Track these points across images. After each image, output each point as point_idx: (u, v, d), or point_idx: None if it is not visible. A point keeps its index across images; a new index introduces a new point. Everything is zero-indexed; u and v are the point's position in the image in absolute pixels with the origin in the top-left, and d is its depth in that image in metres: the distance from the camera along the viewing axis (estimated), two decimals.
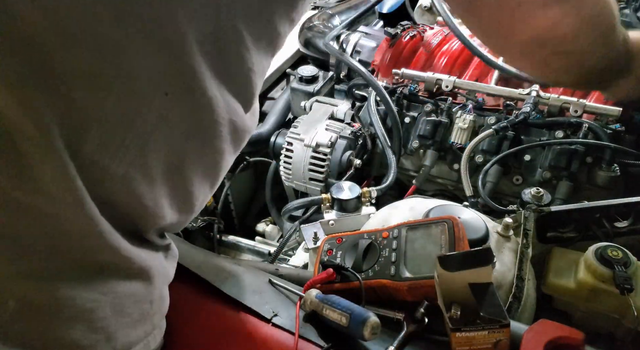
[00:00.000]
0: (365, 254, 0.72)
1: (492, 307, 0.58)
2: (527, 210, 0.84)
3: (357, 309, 0.62)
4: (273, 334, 0.67)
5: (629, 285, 0.71)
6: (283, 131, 1.24)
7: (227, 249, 1.29)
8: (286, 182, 1.21)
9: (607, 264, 0.74)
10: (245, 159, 1.33)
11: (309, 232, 0.93)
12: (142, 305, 0.56)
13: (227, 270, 0.77)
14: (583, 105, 1.09)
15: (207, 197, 0.61)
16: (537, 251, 0.84)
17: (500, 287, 0.74)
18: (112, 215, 0.49)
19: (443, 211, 0.79)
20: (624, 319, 0.75)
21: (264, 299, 0.71)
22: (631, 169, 1.04)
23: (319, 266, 0.74)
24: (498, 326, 0.58)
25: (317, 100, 1.27)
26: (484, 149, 1.13)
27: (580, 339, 0.58)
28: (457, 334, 0.58)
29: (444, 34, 1.41)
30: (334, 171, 1.15)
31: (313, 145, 1.13)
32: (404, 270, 0.65)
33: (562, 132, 1.09)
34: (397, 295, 0.66)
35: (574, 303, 0.79)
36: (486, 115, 1.16)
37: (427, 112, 1.21)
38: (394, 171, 1.11)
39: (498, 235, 0.81)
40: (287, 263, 1.08)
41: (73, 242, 0.48)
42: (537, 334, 0.58)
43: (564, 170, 1.05)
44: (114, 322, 0.52)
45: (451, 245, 0.65)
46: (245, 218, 1.49)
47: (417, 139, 1.20)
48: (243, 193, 1.46)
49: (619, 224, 0.87)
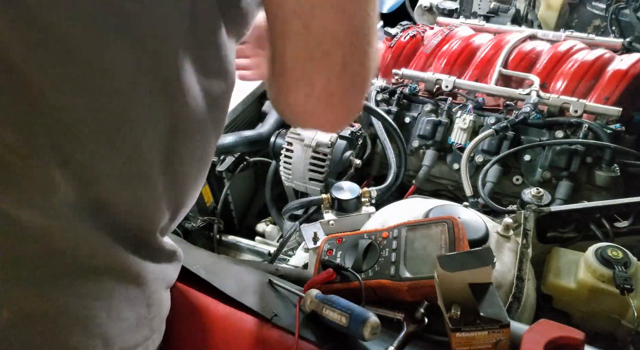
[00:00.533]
0: (365, 254, 0.72)
1: (492, 307, 0.58)
2: (527, 210, 0.84)
3: (357, 309, 0.62)
4: (273, 334, 0.67)
5: (629, 285, 0.71)
6: (283, 131, 1.24)
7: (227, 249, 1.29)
8: (286, 182, 1.21)
9: (607, 264, 0.74)
10: (245, 159, 1.33)
11: (309, 232, 0.93)
12: (138, 310, 0.55)
13: (227, 270, 0.77)
14: (583, 105, 1.09)
15: (199, 186, 0.60)
16: (537, 251, 0.84)
17: (500, 287, 0.74)
18: (108, 221, 0.49)
19: (443, 211, 0.79)
20: (624, 319, 0.75)
21: (264, 299, 0.71)
22: (631, 169, 1.04)
23: (319, 266, 0.74)
24: (498, 326, 0.58)
25: None
26: (484, 149, 1.13)
27: (580, 339, 0.58)
28: (457, 334, 0.58)
29: (444, 34, 1.41)
30: (334, 171, 1.15)
31: (313, 145, 1.13)
32: (404, 271, 0.65)
33: (562, 132, 1.09)
34: (397, 295, 0.66)
35: (574, 303, 0.79)
36: (486, 115, 1.16)
37: (427, 112, 1.21)
38: (394, 171, 1.11)
39: (498, 235, 0.81)
40: (287, 263, 1.08)
41: (65, 249, 0.47)
42: (537, 334, 0.58)
43: (564, 170, 1.06)
44: (111, 327, 0.51)
45: (451, 245, 0.65)
46: (245, 218, 1.48)
47: (417, 139, 1.20)
48: (243, 193, 1.46)
49: (619, 224, 0.87)
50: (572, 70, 1.19)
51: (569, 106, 1.10)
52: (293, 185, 1.20)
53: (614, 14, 1.77)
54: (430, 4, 1.71)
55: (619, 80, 1.14)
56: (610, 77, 1.15)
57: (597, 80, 1.17)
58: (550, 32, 1.42)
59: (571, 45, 1.27)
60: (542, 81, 1.20)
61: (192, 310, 0.72)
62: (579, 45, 1.28)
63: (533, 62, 1.26)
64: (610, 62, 1.19)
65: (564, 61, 1.23)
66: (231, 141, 1.21)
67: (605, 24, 1.81)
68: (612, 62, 1.19)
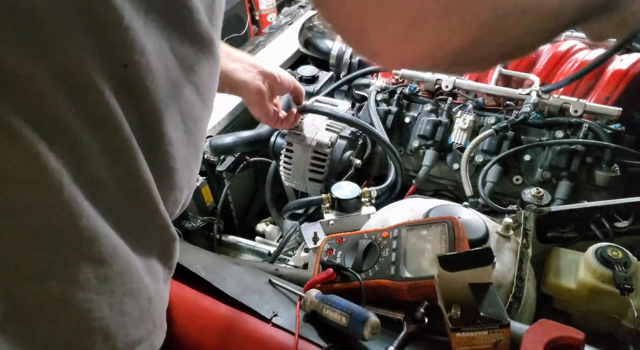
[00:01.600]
0: (365, 254, 0.72)
1: (492, 307, 0.58)
2: (527, 210, 0.84)
3: (357, 309, 0.62)
4: (273, 334, 0.67)
5: (629, 285, 0.71)
6: (283, 131, 1.24)
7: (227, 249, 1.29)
8: (286, 182, 1.21)
9: (607, 264, 0.74)
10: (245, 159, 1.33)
11: (309, 232, 0.93)
12: (141, 303, 0.54)
13: (227, 270, 0.77)
14: (583, 105, 1.09)
15: (193, 169, 0.60)
16: (537, 251, 0.84)
17: (500, 287, 0.74)
18: (102, 200, 0.46)
19: (443, 211, 0.79)
20: (624, 319, 0.75)
21: (264, 299, 0.71)
22: (631, 169, 1.04)
23: (319, 266, 0.74)
24: (498, 326, 0.58)
25: (317, 100, 1.27)
26: (484, 149, 1.13)
27: (580, 339, 0.58)
28: (457, 334, 0.58)
29: None
30: (334, 171, 1.14)
31: (313, 145, 1.13)
32: (404, 270, 0.65)
33: (562, 132, 1.09)
34: (397, 295, 0.66)
35: (574, 303, 0.79)
36: (486, 115, 1.16)
37: (427, 112, 1.21)
38: (394, 171, 1.11)
39: (498, 235, 0.81)
40: (287, 263, 1.08)
41: (59, 236, 0.45)
42: (537, 334, 0.58)
43: (564, 170, 1.06)
44: (113, 322, 0.50)
45: (451, 245, 0.65)
46: (245, 218, 1.48)
47: (417, 139, 1.20)
48: (243, 193, 1.46)
49: (619, 224, 0.87)
50: (572, 70, 1.19)
51: (569, 106, 1.10)
52: (293, 185, 1.20)
53: None
54: None
55: (619, 80, 1.14)
56: (610, 77, 1.15)
57: (597, 80, 1.17)
58: None
59: (571, 45, 1.27)
60: (542, 81, 1.20)
61: (192, 310, 0.72)
62: (579, 45, 1.28)
63: (533, 62, 1.26)
64: (610, 62, 1.19)
65: (564, 61, 1.23)
66: (231, 141, 1.21)
67: None
68: (612, 62, 1.19)
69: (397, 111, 1.23)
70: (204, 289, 0.73)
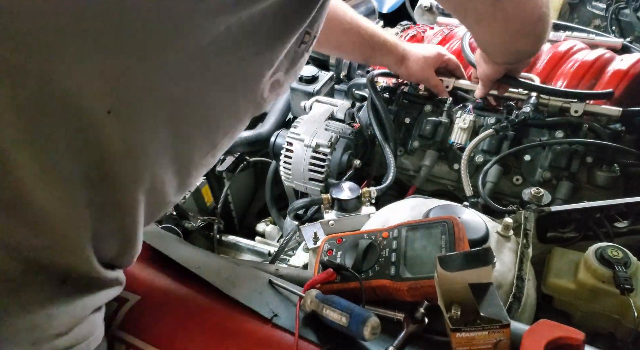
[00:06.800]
0: (365, 254, 0.72)
1: (492, 307, 0.58)
2: (527, 210, 0.84)
3: (357, 309, 0.62)
4: (273, 334, 0.67)
5: (629, 285, 0.71)
6: (283, 131, 1.24)
7: (227, 249, 1.29)
8: (286, 182, 1.21)
9: (607, 264, 0.74)
10: (245, 159, 1.33)
11: (309, 232, 0.93)
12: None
13: (227, 270, 0.77)
14: (583, 106, 1.09)
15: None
16: (537, 251, 0.84)
17: (500, 287, 0.74)
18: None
19: (443, 211, 0.79)
20: (624, 319, 0.75)
21: (264, 299, 0.71)
22: (631, 169, 1.04)
23: (319, 266, 0.74)
24: (498, 326, 0.58)
25: (317, 100, 1.27)
26: (484, 149, 1.13)
27: (580, 339, 0.58)
28: (457, 334, 0.58)
29: (444, 34, 1.41)
30: (334, 171, 1.14)
31: (313, 145, 1.13)
32: (404, 271, 0.65)
33: (562, 132, 1.09)
34: (397, 295, 0.66)
35: (574, 303, 0.79)
36: (486, 115, 1.16)
37: (427, 112, 1.21)
38: (393, 171, 1.11)
39: (498, 235, 0.81)
40: (287, 263, 1.08)
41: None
42: (537, 334, 0.58)
43: (564, 170, 1.05)
44: None
45: (451, 245, 0.65)
46: (245, 218, 1.48)
47: (417, 139, 1.20)
48: (243, 193, 1.46)
49: (619, 224, 0.87)
50: (572, 70, 1.19)
51: (569, 106, 1.10)
52: (293, 185, 1.20)
53: (614, 13, 1.77)
54: (430, 4, 1.70)
55: (619, 80, 1.14)
56: (610, 77, 1.15)
57: (597, 80, 1.17)
58: (550, 32, 1.42)
59: (571, 45, 1.27)
60: (542, 81, 1.20)
61: (192, 311, 0.72)
62: (579, 45, 1.28)
63: (533, 62, 1.26)
64: (610, 62, 1.19)
65: (564, 61, 1.23)
66: None
67: (605, 23, 1.81)
68: (612, 62, 1.19)
69: (397, 111, 1.23)
70: (204, 289, 0.73)
